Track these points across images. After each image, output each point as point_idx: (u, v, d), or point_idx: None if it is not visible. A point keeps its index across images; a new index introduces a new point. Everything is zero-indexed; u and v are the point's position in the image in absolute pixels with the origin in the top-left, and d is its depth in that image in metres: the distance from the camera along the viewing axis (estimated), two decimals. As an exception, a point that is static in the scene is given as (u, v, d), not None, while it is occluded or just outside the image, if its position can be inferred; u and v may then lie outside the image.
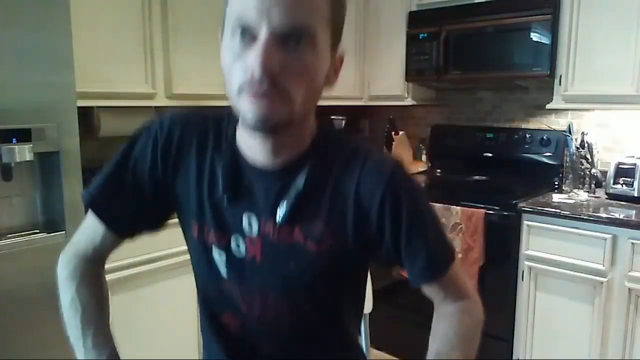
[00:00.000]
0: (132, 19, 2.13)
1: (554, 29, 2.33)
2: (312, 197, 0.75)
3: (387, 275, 2.41)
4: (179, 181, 0.80)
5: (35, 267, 1.63)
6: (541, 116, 2.76)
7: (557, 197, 2.37)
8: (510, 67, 2.51)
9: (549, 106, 2.44)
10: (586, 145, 2.46)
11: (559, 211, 2.14)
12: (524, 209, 2.23)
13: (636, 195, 2.22)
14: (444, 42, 2.66)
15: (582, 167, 2.44)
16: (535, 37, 2.38)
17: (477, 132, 2.92)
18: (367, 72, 3.06)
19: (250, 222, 0.76)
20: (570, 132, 2.49)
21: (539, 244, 2.20)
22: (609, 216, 2.06)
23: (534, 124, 2.79)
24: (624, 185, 2.27)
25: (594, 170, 2.45)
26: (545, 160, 2.68)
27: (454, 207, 2.36)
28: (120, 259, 1.86)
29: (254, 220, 0.76)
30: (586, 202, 2.29)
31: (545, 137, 2.67)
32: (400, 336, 2.56)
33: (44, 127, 1.65)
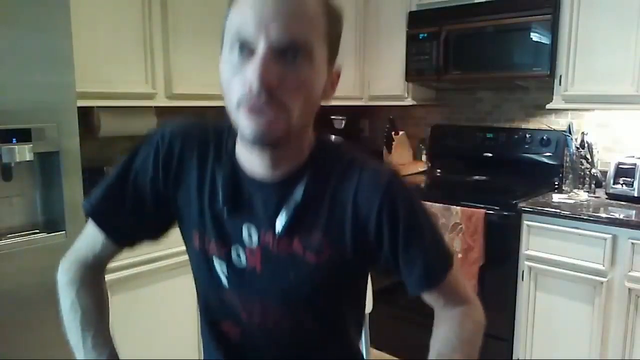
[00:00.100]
0: (132, 19, 2.13)
1: (554, 29, 2.33)
2: (311, 208, 0.76)
3: (387, 275, 2.41)
4: (180, 192, 0.81)
5: (35, 267, 1.63)
6: (541, 116, 2.76)
7: (557, 197, 2.37)
8: (510, 67, 2.51)
9: (549, 106, 2.44)
10: (586, 145, 2.46)
11: (559, 211, 2.14)
12: (524, 209, 2.23)
13: (636, 195, 2.22)
14: (444, 42, 2.65)
15: (582, 167, 2.44)
16: (535, 37, 2.38)
17: (477, 132, 2.92)
18: (367, 72, 3.06)
19: (250, 233, 0.77)
20: (570, 132, 2.49)
21: (539, 244, 2.20)
22: (609, 216, 2.06)
23: (534, 124, 2.79)
24: (624, 185, 2.27)
25: (594, 170, 2.45)
26: (545, 160, 2.68)
27: (454, 207, 2.36)
28: (120, 259, 1.82)
29: (253, 231, 0.77)
30: (586, 202, 2.29)
31: (545, 137, 2.67)
32: (400, 336, 2.56)
33: (44, 127, 1.65)
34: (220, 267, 0.79)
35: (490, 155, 2.86)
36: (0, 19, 1.53)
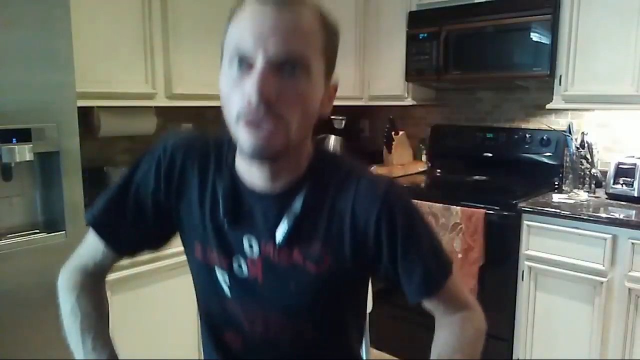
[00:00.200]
0: (132, 19, 2.13)
1: (554, 29, 2.33)
2: (310, 219, 0.77)
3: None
4: (182, 204, 0.82)
5: (35, 267, 1.64)
6: (541, 116, 2.76)
7: (557, 197, 2.37)
8: (510, 67, 2.51)
9: (549, 106, 2.44)
10: (586, 145, 2.46)
11: (559, 211, 2.14)
12: (524, 209, 2.23)
13: (636, 195, 2.22)
14: (444, 42, 2.65)
15: (582, 167, 2.44)
16: (535, 37, 2.38)
17: (477, 132, 2.92)
18: (367, 72, 3.06)
19: (251, 244, 0.79)
20: (570, 132, 2.49)
21: (539, 244, 2.20)
22: (609, 216, 2.06)
23: (534, 124, 2.79)
24: (624, 185, 2.27)
25: (594, 170, 2.45)
26: (545, 160, 2.68)
27: (454, 207, 2.36)
28: (120, 259, 1.86)
29: (254, 242, 0.78)
30: (586, 202, 2.29)
31: (545, 137, 2.67)
32: (400, 336, 2.56)
33: (44, 127, 1.65)
34: (222, 277, 0.80)
35: (490, 155, 2.86)
36: (0, 19, 1.53)
